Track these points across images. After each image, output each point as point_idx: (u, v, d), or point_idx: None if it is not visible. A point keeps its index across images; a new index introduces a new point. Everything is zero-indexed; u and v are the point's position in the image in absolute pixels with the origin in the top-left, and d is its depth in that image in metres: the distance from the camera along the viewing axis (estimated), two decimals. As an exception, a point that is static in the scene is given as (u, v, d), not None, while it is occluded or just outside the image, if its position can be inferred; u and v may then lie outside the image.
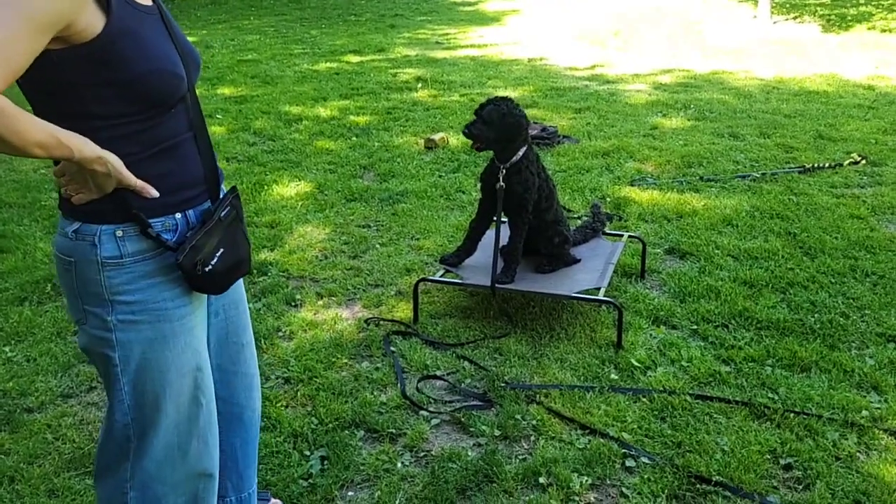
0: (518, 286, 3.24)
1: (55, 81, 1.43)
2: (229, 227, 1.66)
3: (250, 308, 2.75)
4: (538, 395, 2.79)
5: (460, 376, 2.95)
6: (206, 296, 1.73)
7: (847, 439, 2.54)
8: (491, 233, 3.44)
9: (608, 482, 2.38)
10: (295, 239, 4.27)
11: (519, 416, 2.68)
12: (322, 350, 3.14)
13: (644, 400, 2.76)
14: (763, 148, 5.73)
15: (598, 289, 3.20)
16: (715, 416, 2.67)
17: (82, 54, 1.41)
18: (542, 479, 2.38)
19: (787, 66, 8.91)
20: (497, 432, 2.61)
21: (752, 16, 12.98)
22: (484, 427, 2.63)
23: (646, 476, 2.38)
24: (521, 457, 2.51)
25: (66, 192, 1.51)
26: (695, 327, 3.25)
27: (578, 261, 3.45)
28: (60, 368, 3.06)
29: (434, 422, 2.69)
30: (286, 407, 2.78)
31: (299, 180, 5.22)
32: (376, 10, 15.72)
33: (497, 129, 3.17)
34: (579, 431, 2.61)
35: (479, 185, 3.44)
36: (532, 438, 2.59)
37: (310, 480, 2.41)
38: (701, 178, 5.08)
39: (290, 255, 4.05)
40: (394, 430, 2.64)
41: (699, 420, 2.64)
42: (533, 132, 5.71)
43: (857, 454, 2.48)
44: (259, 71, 9.19)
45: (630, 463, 2.45)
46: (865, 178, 5.08)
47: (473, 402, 2.77)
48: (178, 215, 1.60)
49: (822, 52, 9.77)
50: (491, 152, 3.30)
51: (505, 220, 3.49)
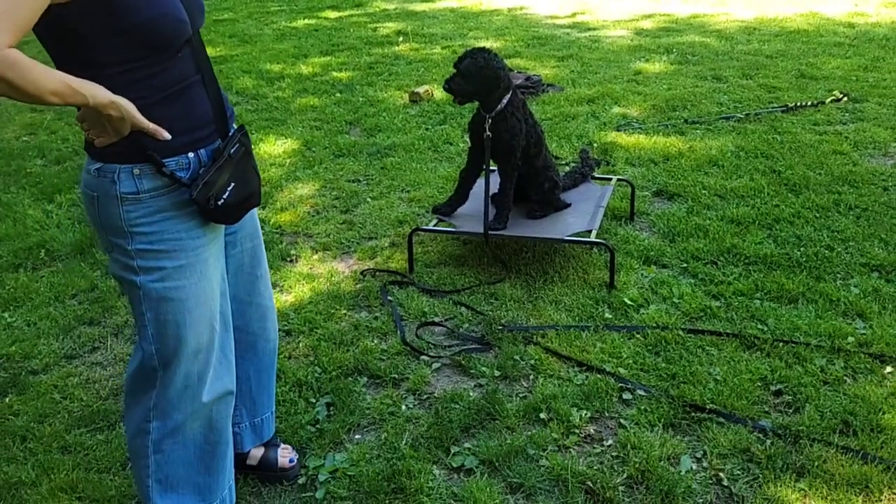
0: (510, 232, 3.29)
1: (65, 32, 1.50)
2: (239, 163, 1.75)
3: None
4: (535, 337, 2.86)
5: (458, 321, 3.01)
6: (221, 228, 1.83)
7: (834, 364, 2.63)
8: (482, 181, 3.47)
9: (606, 415, 2.47)
10: (285, 195, 4.28)
11: (517, 357, 2.74)
12: (321, 302, 3.18)
13: (638, 336, 2.83)
14: (746, 89, 5.76)
15: (590, 231, 3.25)
16: (707, 348, 2.75)
17: (87, 4, 1.47)
18: (542, 415, 2.45)
19: (767, 7, 8.88)
20: (497, 373, 2.68)
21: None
22: (484, 368, 2.70)
23: (642, 407, 2.47)
24: (521, 395, 2.58)
25: (89, 136, 1.61)
26: (685, 265, 3.32)
27: (569, 205, 3.50)
28: (62, 331, 3.09)
29: (435, 366, 2.75)
30: (289, 358, 2.84)
31: (286, 138, 5.21)
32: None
33: (475, 82, 3.18)
34: (576, 369, 2.68)
35: (467, 135, 3.45)
36: (531, 377, 2.66)
37: (317, 426, 2.48)
38: (686, 120, 5.11)
39: (282, 212, 4.07)
40: (396, 376, 2.70)
41: (692, 353, 2.72)
42: (517, 81, 5.69)
43: (844, 378, 2.57)
44: (237, 30, 9.05)
45: (627, 396, 2.53)
46: (847, 114, 5.13)
47: (472, 346, 2.84)
48: (191, 154, 1.70)
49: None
50: (477, 102, 3.31)
51: (494, 168, 3.52)
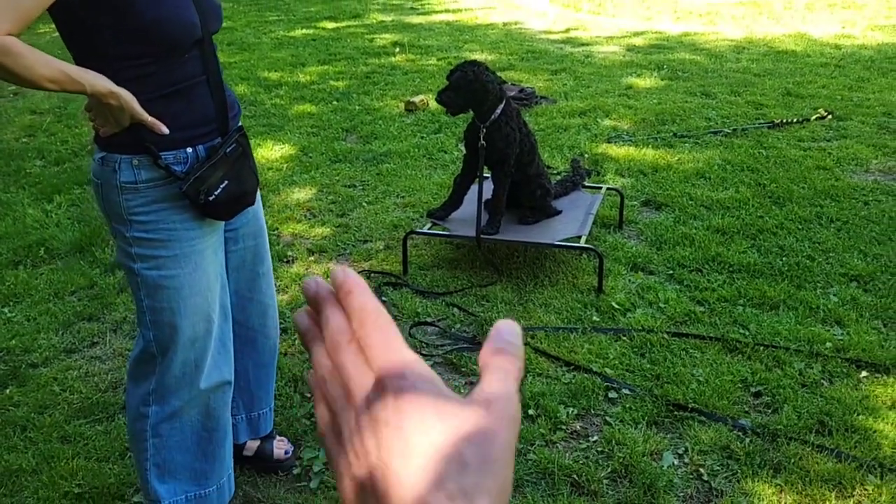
0: (502, 236, 3.38)
1: (73, 25, 1.58)
2: (235, 162, 1.81)
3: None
4: (525, 337, 2.95)
5: (450, 322, 3.10)
6: (218, 223, 1.88)
7: (812, 368, 2.73)
8: (476, 187, 3.56)
9: (592, 412, 2.55)
10: (282, 199, 4.36)
11: (507, 356, 2.82)
12: (316, 302, 3.26)
13: (624, 338, 2.93)
14: (734, 105, 5.90)
15: (580, 237, 3.35)
16: (690, 351, 2.85)
17: (93, 1, 1.54)
18: (531, 411, 2.54)
19: (757, 27, 9.06)
20: (487, 371, 2.76)
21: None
22: (475, 367, 2.78)
23: (627, 405, 2.56)
24: (510, 392, 2.66)
25: (95, 125, 1.69)
26: (671, 272, 3.42)
27: (560, 212, 3.59)
28: (61, 326, 3.15)
29: (427, 363, 2.83)
30: (285, 354, 2.91)
31: (283, 143, 5.29)
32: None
33: (465, 94, 3.27)
34: (564, 368, 2.77)
35: (462, 143, 3.55)
36: (520, 376, 2.74)
37: (312, 419, 2.55)
38: (675, 134, 5.24)
39: (278, 215, 4.15)
40: (389, 372, 2.78)
41: (676, 355, 2.82)
42: (511, 93, 5.81)
43: (821, 381, 2.67)
44: (235, 38, 9.15)
45: (612, 394, 2.62)
46: (831, 132, 5.27)
47: (464, 345, 2.92)
48: (189, 149, 1.76)
49: (790, 13, 9.93)
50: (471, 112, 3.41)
51: (488, 175, 3.61)
